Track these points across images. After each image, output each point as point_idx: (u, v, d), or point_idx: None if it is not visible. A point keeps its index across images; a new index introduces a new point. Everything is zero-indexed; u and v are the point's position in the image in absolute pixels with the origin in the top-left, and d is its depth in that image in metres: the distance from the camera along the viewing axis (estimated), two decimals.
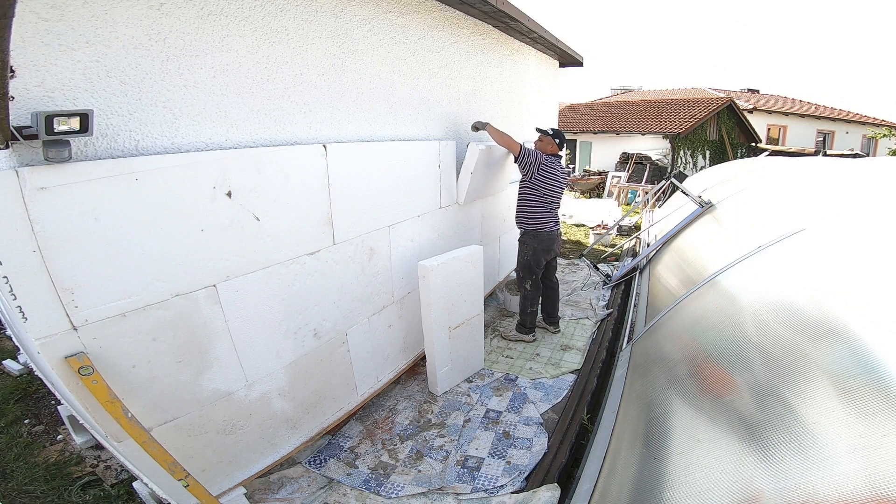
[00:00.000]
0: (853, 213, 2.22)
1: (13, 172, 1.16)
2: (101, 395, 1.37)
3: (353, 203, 2.31)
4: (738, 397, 1.42)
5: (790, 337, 1.45)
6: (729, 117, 14.20)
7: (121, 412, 1.41)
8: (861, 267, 1.62)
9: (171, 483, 1.66)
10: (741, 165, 5.38)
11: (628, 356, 2.56)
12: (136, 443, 1.44)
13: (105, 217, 1.35)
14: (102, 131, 1.35)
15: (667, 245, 4.19)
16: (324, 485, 2.11)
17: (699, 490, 1.20)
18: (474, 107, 3.70)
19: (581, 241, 7.08)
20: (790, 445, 1.08)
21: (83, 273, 1.32)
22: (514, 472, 2.17)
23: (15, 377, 2.97)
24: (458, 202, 3.37)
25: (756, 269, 2.10)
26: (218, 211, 1.66)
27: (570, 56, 5.74)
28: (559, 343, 3.52)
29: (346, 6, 2.22)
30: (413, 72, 2.83)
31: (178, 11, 1.50)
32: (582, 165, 14.50)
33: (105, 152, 1.37)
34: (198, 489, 1.60)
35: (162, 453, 1.50)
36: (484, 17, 3.58)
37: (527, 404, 2.72)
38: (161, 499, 1.73)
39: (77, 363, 1.34)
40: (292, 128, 2.00)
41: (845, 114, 18.11)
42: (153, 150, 1.48)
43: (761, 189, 3.61)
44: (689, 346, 2.07)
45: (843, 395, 1.08)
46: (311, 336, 2.16)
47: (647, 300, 3.39)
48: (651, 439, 1.61)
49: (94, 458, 2.28)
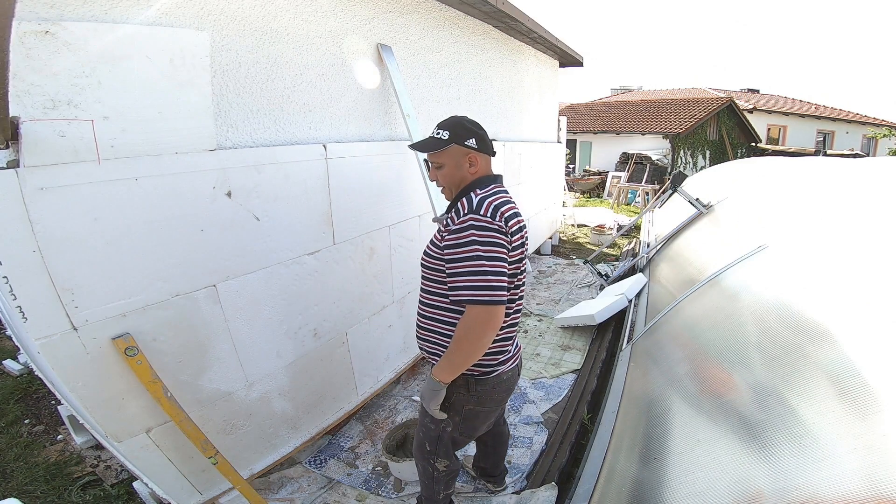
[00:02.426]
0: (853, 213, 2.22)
1: (13, 172, 1.16)
2: (145, 376, 1.46)
3: (353, 203, 2.31)
4: (739, 397, 1.42)
5: (790, 336, 1.45)
6: (729, 117, 14.21)
7: (161, 392, 1.49)
8: (860, 267, 1.62)
9: (171, 483, 1.67)
10: (741, 166, 5.38)
11: (628, 356, 2.56)
12: (174, 422, 1.53)
13: (105, 217, 1.35)
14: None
15: (666, 246, 4.19)
16: (324, 485, 2.11)
17: (699, 490, 1.20)
18: (474, 107, 3.70)
19: (581, 242, 7.08)
20: (790, 445, 1.08)
21: (83, 273, 1.32)
22: (514, 471, 2.17)
23: (15, 377, 2.97)
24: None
25: (756, 268, 2.10)
26: (218, 211, 1.66)
27: (570, 56, 5.75)
28: (559, 343, 3.52)
29: (347, 6, 2.22)
30: (413, 72, 2.83)
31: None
32: (582, 165, 14.51)
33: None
34: (225, 466, 1.68)
35: (195, 432, 1.59)
36: (484, 17, 3.59)
37: (527, 404, 2.72)
38: (161, 499, 1.73)
39: (123, 344, 1.41)
40: (292, 127, 2.00)
41: (845, 114, 18.12)
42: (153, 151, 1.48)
43: (761, 190, 3.62)
44: (689, 346, 2.07)
45: (842, 394, 1.08)
46: (311, 336, 2.16)
47: (647, 300, 3.39)
48: (651, 439, 1.61)
49: (94, 458, 2.28)
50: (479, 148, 1.41)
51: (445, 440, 1.53)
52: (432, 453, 1.56)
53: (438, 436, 1.52)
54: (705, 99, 14.14)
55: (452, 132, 1.40)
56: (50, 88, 1.20)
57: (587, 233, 7.49)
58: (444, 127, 1.41)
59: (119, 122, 1.35)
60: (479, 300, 1.22)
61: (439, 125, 1.42)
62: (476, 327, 1.24)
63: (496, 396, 1.50)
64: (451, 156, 1.41)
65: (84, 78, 1.26)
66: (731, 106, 13.92)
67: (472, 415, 1.50)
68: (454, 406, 1.46)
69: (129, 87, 1.36)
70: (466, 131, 1.40)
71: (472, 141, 1.40)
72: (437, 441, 1.53)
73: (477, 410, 1.49)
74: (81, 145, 1.28)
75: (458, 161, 1.41)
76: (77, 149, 1.27)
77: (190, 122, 1.57)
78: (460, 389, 1.44)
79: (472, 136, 1.41)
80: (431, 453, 1.56)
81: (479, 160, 1.42)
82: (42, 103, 1.19)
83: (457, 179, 1.43)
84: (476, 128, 1.43)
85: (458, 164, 1.41)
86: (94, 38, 1.27)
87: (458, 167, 1.41)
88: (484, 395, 1.46)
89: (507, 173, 4.30)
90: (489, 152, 1.45)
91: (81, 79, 1.26)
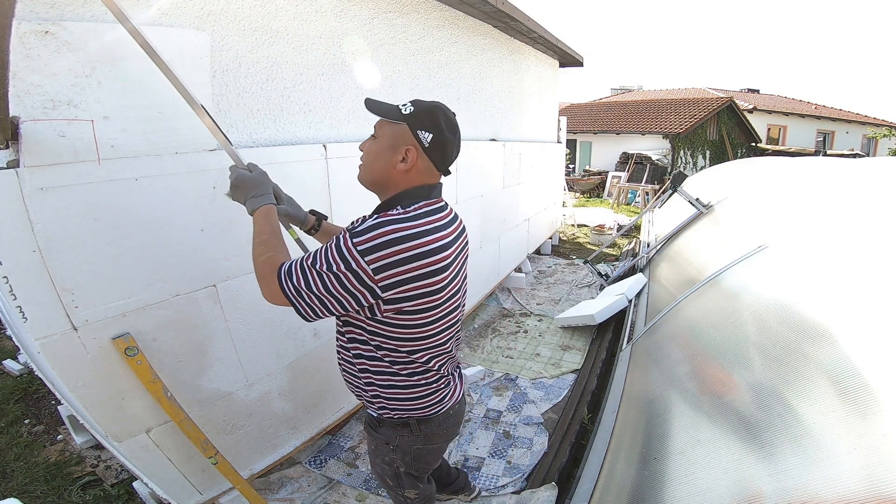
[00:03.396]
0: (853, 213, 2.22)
1: (13, 172, 1.16)
2: (145, 376, 1.45)
3: (354, 203, 2.30)
4: (739, 397, 1.42)
5: (790, 336, 1.45)
6: (729, 117, 14.22)
7: (161, 392, 1.48)
8: (860, 267, 1.62)
9: (171, 483, 1.67)
10: (741, 166, 5.38)
11: (628, 356, 2.56)
12: (174, 422, 1.53)
13: (105, 217, 1.35)
14: None
15: (666, 246, 4.19)
16: (324, 485, 2.11)
17: (699, 490, 1.20)
18: (474, 107, 3.70)
19: (581, 242, 7.08)
20: (790, 445, 1.08)
21: (83, 273, 1.32)
22: (514, 471, 2.17)
23: (15, 377, 2.96)
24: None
25: (756, 268, 2.10)
26: (218, 211, 1.66)
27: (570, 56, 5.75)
28: (559, 343, 3.52)
29: (347, 6, 2.22)
30: (413, 72, 2.83)
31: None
32: (582, 165, 14.52)
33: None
34: (225, 466, 1.67)
35: (195, 432, 1.58)
36: (484, 17, 3.59)
37: (527, 404, 2.72)
38: (161, 499, 1.73)
39: (123, 344, 1.41)
40: (292, 127, 2.00)
41: (845, 114, 18.13)
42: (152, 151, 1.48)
43: (761, 190, 3.62)
44: (689, 346, 2.07)
45: (842, 394, 1.08)
46: (311, 335, 2.16)
47: (647, 300, 3.39)
48: (651, 439, 1.61)
49: (94, 458, 2.28)
50: (429, 149, 1.08)
51: (402, 475, 1.40)
52: (397, 486, 1.43)
53: (395, 473, 1.39)
54: (705, 99, 14.14)
55: (416, 112, 1.08)
56: (50, 88, 1.20)
57: (587, 233, 7.49)
58: (416, 104, 1.10)
59: (119, 122, 1.35)
60: (280, 271, 1.05)
61: (414, 100, 1.12)
62: (261, 277, 1.10)
63: (446, 432, 1.34)
64: (392, 134, 1.10)
65: (84, 78, 1.26)
66: (731, 106, 13.93)
67: (422, 454, 1.35)
68: (401, 448, 1.31)
69: (129, 87, 1.36)
70: (433, 124, 1.08)
71: (429, 136, 1.07)
72: (396, 477, 1.40)
73: (427, 448, 1.34)
74: (81, 145, 1.28)
75: (393, 143, 1.09)
76: (77, 149, 1.27)
77: (190, 122, 1.56)
78: (403, 433, 1.27)
79: (435, 131, 1.08)
80: (396, 486, 1.44)
81: (418, 163, 1.09)
82: (42, 103, 1.19)
83: (378, 166, 1.12)
84: (449, 130, 1.10)
85: (392, 149, 1.09)
86: (94, 38, 1.27)
87: (389, 152, 1.09)
88: (431, 434, 1.29)
89: (508, 173, 4.31)
90: (440, 165, 1.13)
91: (81, 79, 1.26)
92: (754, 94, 19.40)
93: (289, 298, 1.04)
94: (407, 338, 1.13)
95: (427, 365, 1.20)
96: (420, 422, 1.26)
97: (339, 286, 1.01)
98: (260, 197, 1.19)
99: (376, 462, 1.42)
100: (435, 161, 1.11)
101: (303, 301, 1.04)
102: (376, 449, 1.37)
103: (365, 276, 0.99)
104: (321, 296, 1.02)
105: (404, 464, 1.36)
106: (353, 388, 1.29)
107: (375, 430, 1.32)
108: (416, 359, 1.18)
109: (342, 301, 1.03)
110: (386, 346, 1.14)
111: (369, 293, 1.02)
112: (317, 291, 1.02)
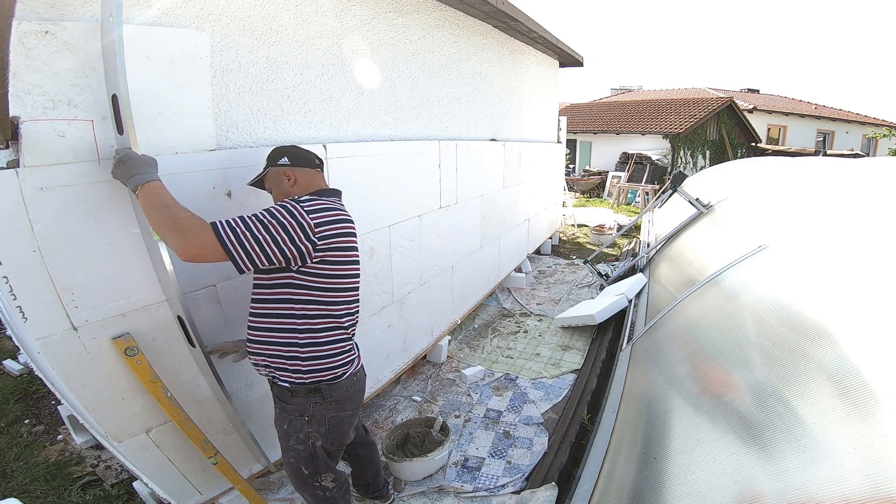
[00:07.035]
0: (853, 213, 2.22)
1: (13, 172, 1.16)
2: (145, 376, 1.46)
3: (353, 203, 2.29)
4: (739, 397, 1.42)
5: (790, 336, 1.45)
6: (729, 117, 14.21)
7: (161, 392, 1.49)
8: (860, 267, 1.62)
9: (171, 483, 1.67)
10: (741, 166, 5.38)
11: (628, 356, 2.56)
12: (174, 422, 1.53)
13: (105, 217, 1.35)
14: None
15: (666, 246, 4.19)
16: None
17: (699, 490, 1.20)
18: (474, 107, 3.71)
19: (581, 242, 7.08)
20: (790, 445, 1.08)
21: (83, 273, 1.32)
22: (514, 471, 2.17)
23: (15, 377, 2.97)
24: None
25: (756, 268, 2.10)
26: (218, 211, 1.66)
27: (570, 56, 5.75)
28: (559, 343, 3.52)
29: (347, 6, 2.22)
30: (413, 72, 2.83)
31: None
32: (582, 165, 14.51)
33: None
34: (225, 466, 1.68)
35: (195, 432, 1.59)
36: (484, 17, 3.59)
37: (527, 404, 2.72)
38: (161, 499, 1.73)
39: (123, 344, 1.41)
40: (292, 127, 2.00)
41: (845, 114, 18.12)
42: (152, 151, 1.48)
43: (761, 190, 3.62)
44: (689, 346, 2.07)
45: (842, 394, 1.08)
46: None
47: (647, 300, 3.39)
48: (651, 439, 1.61)
49: (94, 458, 2.28)
50: (293, 163, 1.51)
51: (320, 455, 1.49)
52: (314, 474, 1.52)
53: (311, 453, 1.48)
54: (705, 99, 14.13)
55: (268, 160, 1.54)
56: (50, 88, 1.20)
57: (587, 233, 7.49)
58: (267, 159, 1.55)
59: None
60: (217, 224, 1.21)
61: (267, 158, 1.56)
62: (182, 231, 1.19)
63: (354, 398, 1.52)
64: (271, 179, 1.54)
65: (84, 78, 1.26)
66: (731, 106, 13.92)
67: (336, 422, 1.49)
68: (316, 418, 1.44)
69: (128, 88, 1.36)
70: (277, 153, 1.53)
71: (284, 159, 1.51)
72: (312, 460, 1.49)
73: (340, 416, 1.49)
74: (81, 145, 1.28)
75: (277, 180, 1.52)
76: (77, 149, 1.27)
77: (190, 122, 1.57)
78: (316, 399, 1.43)
79: (284, 155, 1.52)
80: (313, 474, 1.52)
81: (297, 175, 1.51)
82: (42, 103, 1.19)
83: (283, 196, 1.50)
84: (290, 148, 1.56)
85: (279, 182, 1.52)
86: (94, 38, 1.27)
87: (279, 184, 1.52)
88: (342, 399, 1.47)
89: (508, 173, 4.31)
90: (308, 164, 1.54)
91: (81, 79, 1.26)
92: (754, 94, 19.40)
93: (226, 247, 1.22)
94: (329, 288, 1.41)
95: (340, 321, 1.46)
96: (330, 387, 1.44)
97: (286, 235, 1.27)
98: (143, 175, 1.26)
99: (290, 446, 1.49)
100: (304, 163, 1.54)
101: (242, 250, 1.23)
102: (289, 427, 1.47)
103: (309, 229, 1.30)
104: (264, 245, 1.25)
105: (320, 435, 1.47)
106: (271, 357, 1.44)
107: (288, 403, 1.45)
108: (334, 311, 1.44)
109: (283, 249, 1.27)
110: (312, 297, 1.39)
111: (309, 243, 1.31)
112: (262, 241, 1.25)
